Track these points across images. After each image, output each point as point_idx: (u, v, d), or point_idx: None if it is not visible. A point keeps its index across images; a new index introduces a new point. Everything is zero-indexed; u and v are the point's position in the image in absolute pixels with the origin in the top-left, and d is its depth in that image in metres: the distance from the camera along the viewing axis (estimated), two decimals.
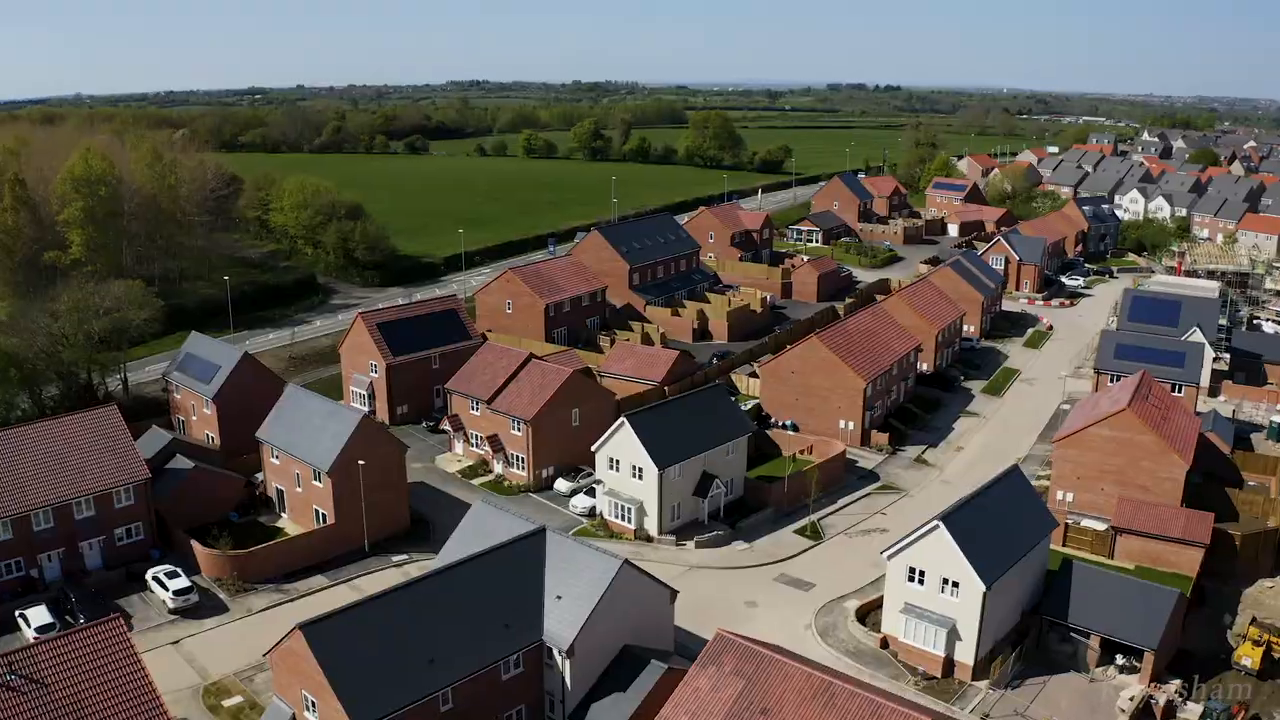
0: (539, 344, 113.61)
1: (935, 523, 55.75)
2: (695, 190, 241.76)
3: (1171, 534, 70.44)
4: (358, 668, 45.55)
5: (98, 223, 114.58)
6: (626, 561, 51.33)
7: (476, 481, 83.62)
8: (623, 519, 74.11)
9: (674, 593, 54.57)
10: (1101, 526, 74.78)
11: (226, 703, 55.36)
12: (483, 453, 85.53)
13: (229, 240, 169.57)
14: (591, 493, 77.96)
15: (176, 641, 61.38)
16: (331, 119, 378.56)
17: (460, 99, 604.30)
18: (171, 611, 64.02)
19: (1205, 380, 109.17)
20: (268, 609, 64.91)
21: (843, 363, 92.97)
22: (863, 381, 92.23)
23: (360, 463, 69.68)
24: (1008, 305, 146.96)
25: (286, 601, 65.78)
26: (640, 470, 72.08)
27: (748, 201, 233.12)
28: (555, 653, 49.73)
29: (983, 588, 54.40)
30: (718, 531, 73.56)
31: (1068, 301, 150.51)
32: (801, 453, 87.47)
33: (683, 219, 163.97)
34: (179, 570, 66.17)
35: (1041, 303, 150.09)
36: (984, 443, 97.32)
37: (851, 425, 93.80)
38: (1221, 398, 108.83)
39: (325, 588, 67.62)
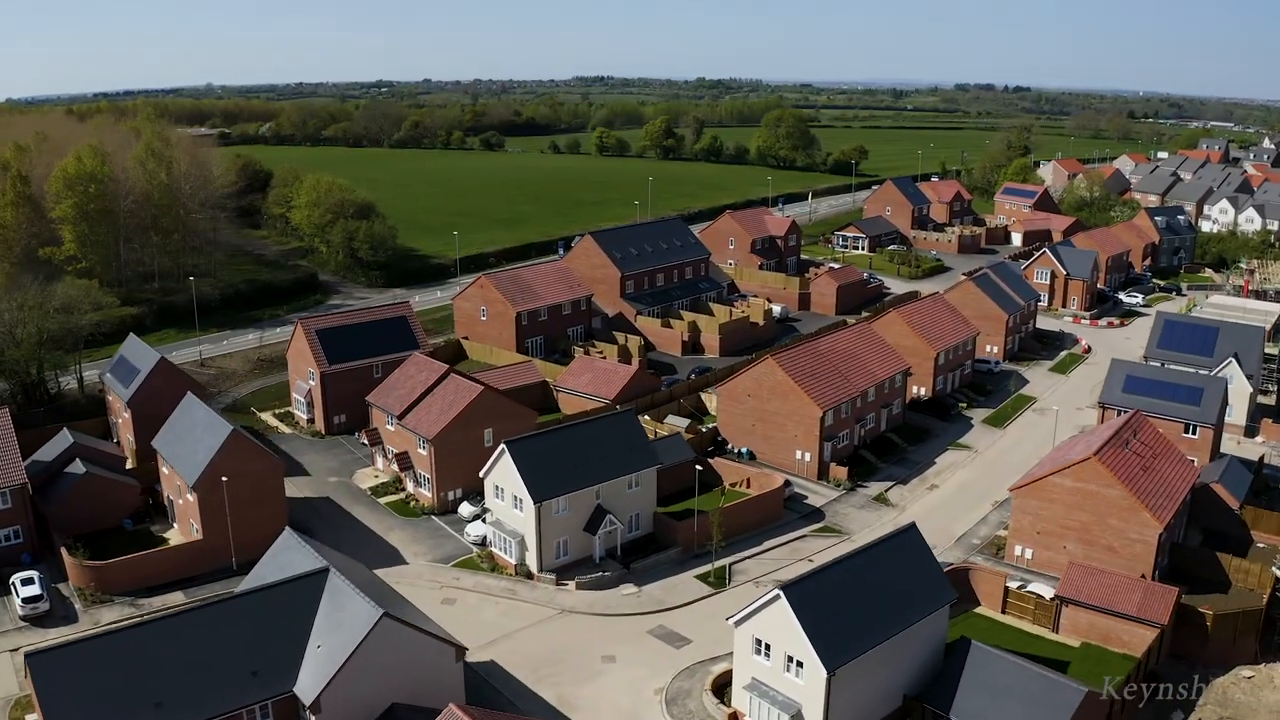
0: (509, 353, 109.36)
1: (775, 591, 48.04)
2: (748, 192, 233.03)
3: (1123, 609, 60.17)
4: (77, 706, 42.18)
5: (90, 219, 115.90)
6: (387, 614, 45.90)
7: (384, 500, 79.32)
8: (506, 552, 68.46)
9: (460, 649, 48.85)
10: (1050, 593, 64.87)
11: (30, 718, 52.61)
12: (397, 470, 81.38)
13: (255, 238, 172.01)
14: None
15: (16, 649, 59.33)
16: (411, 115, 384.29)
17: (551, 96, 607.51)
18: (21, 619, 62.24)
19: (1241, 419, 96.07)
20: (114, 624, 62.18)
21: (798, 387, 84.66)
22: (819, 409, 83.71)
23: (224, 479, 66.36)
24: (1049, 324, 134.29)
25: (136, 617, 62.92)
26: (520, 501, 66.31)
27: (794, 206, 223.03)
28: (304, 707, 44.87)
29: (824, 673, 46.42)
30: (604, 573, 67.04)
31: (1117, 321, 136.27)
32: (733, 485, 79.89)
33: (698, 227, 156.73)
34: (35, 577, 64.25)
35: (1088, 322, 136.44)
36: (964, 481, 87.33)
37: (808, 456, 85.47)
38: (1259, 439, 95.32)
39: (180, 605, 64.50)
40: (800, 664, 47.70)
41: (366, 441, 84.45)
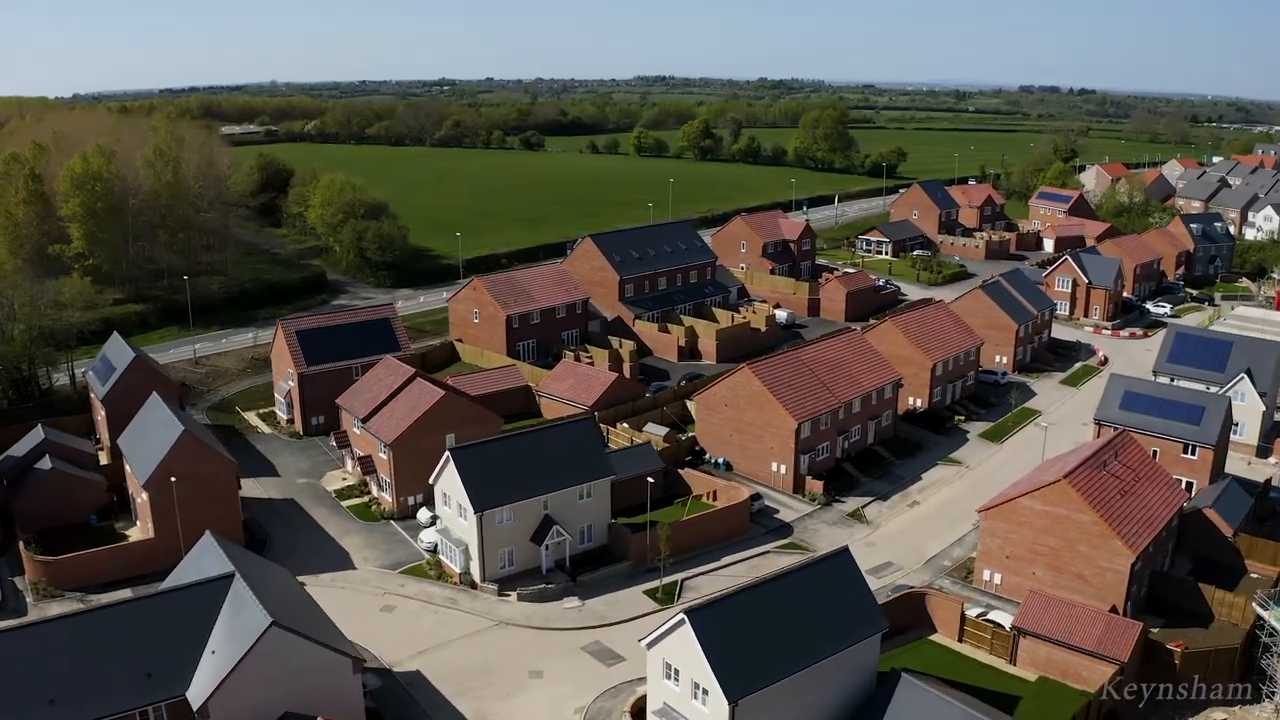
0: (499, 356, 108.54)
1: (680, 615, 46.05)
2: (776, 194, 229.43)
3: (1082, 643, 56.83)
4: None
5: (98, 218, 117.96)
6: (276, 623, 45.10)
7: (347, 503, 78.81)
8: (452, 561, 67.42)
9: (357, 661, 47.84)
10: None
11: None
12: (362, 473, 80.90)
13: (275, 236, 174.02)
14: None
15: None
16: (452, 114, 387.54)
17: (600, 96, 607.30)
18: None
19: (1253, 439, 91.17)
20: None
21: (774, 398, 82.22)
22: (794, 421, 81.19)
23: (173, 479, 66.39)
24: (1068, 334, 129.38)
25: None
26: (464, 510, 65.16)
27: (821, 210, 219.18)
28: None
29: (725, 703, 44.33)
30: (547, 585, 65.57)
31: (1140, 332, 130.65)
32: (697, 497, 77.81)
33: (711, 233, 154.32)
34: None
35: (1109, 332, 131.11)
36: (947, 499, 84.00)
37: (784, 469, 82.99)
38: (1272, 460, 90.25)
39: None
40: (706, 691, 45.70)
41: (335, 444, 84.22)
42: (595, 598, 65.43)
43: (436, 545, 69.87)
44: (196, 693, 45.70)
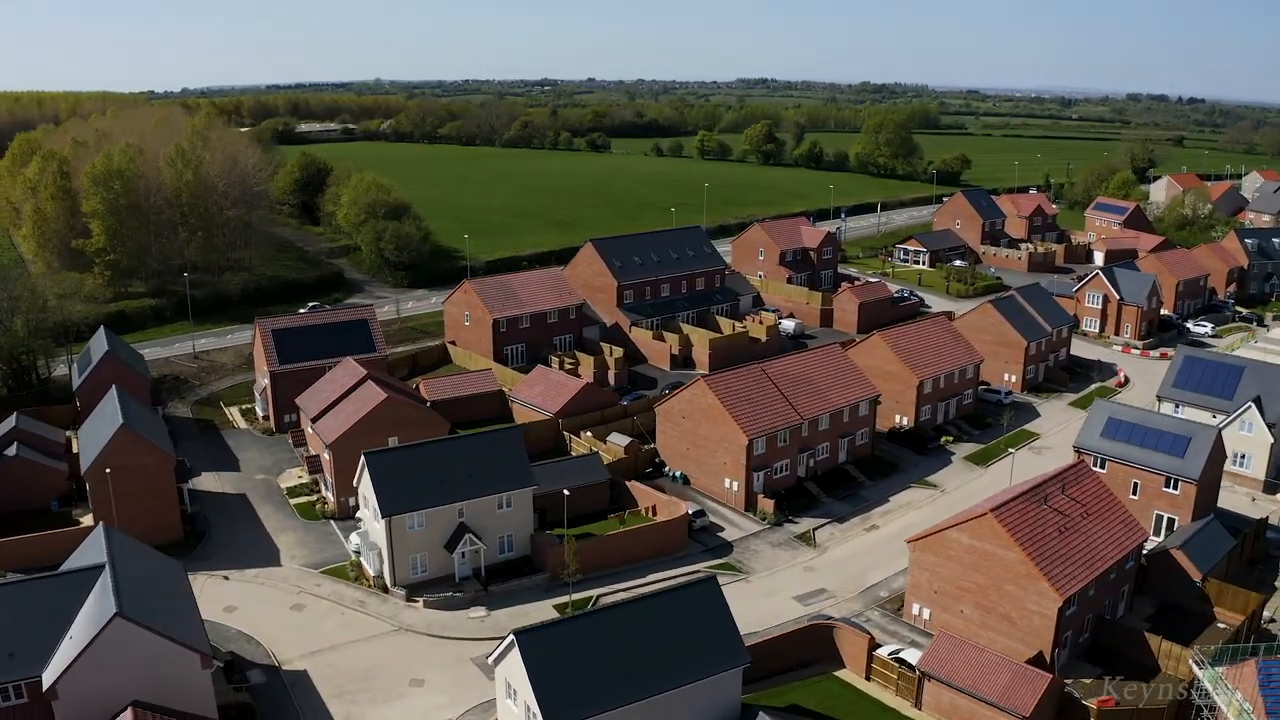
0: (487, 359, 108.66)
1: (510, 636, 44.74)
2: (822, 200, 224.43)
3: (985, 692, 53.23)
4: None
5: (120, 214, 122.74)
6: (120, 615, 45.62)
7: (296, 501, 79.62)
8: (369, 564, 67.45)
9: (205, 657, 48.03)
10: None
11: None
12: (310, 472, 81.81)
13: (313, 234, 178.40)
14: None
15: None
16: (522, 114, 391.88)
17: (678, 98, 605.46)
18: None
19: (1260, 472, 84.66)
20: None
21: (727, 412, 79.87)
22: (745, 437, 78.73)
23: (108, 470, 68.20)
24: (1091, 352, 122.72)
25: None
26: (377, 513, 65.09)
27: (862, 218, 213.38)
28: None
29: None
30: (455, 593, 64.90)
31: (1171, 353, 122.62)
32: (636, 512, 76.02)
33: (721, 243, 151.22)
34: None
35: (1139, 352, 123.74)
36: (911, 524, 79.79)
37: (735, 485, 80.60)
38: None
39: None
40: (536, 716, 44.30)
41: (292, 443, 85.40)
42: (503, 609, 64.42)
43: (359, 548, 70.05)
44: (50, 674, 46.91)
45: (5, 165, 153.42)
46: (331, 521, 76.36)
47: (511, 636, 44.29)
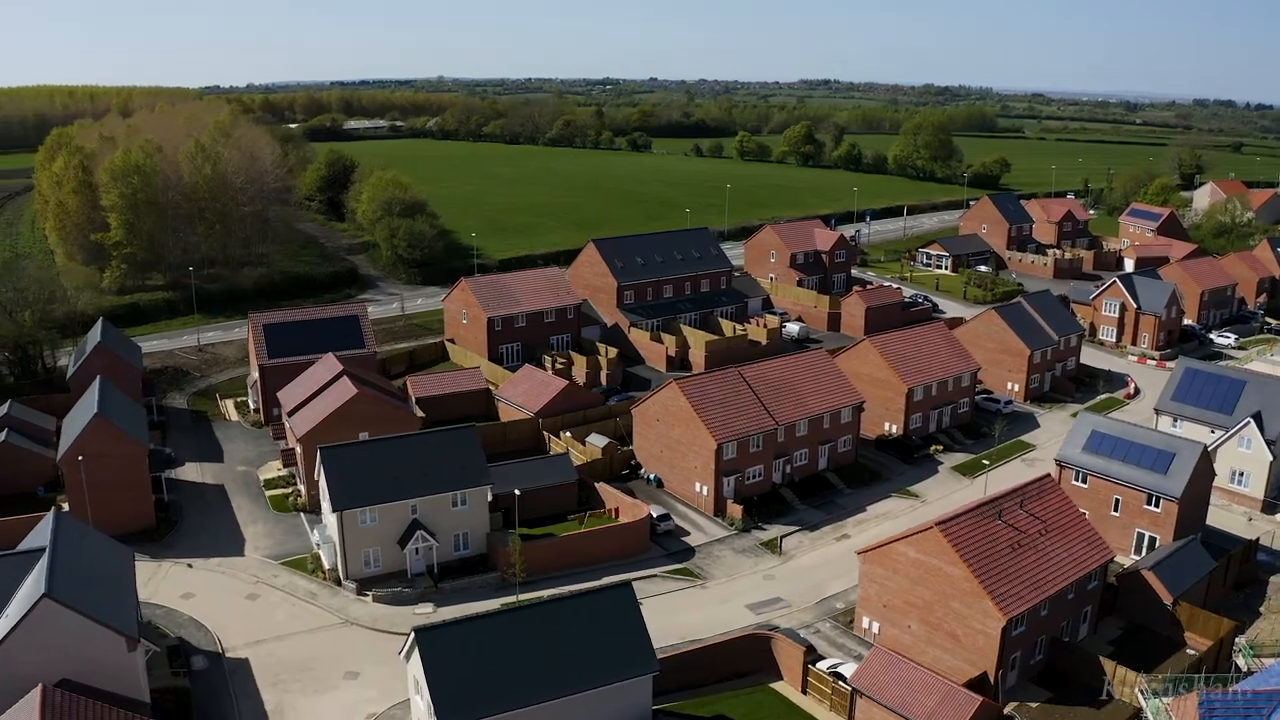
0: (481, 358, 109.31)
1: (411, 632, 44.86)
2: (852, 203, 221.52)
3: (913, 713, 51.88)
4: None
5: (137, 209, 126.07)
6: (48, 596, 46.66)
7: (271, 493, 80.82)
8: (326, 557, 68.27)
9: (132, 640, 48.86)
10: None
11: None
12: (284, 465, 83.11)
13: (337, 230, 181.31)
14: None
15: None
16: (563, 113, 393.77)
17: (730, 99, 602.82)
18: None
19: (1259, 491, 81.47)
20: None
21: (697, 415, 79.23)
22: (714, 441, 77.99)
23: (80, 458, 70.04)
24: (1103, 362, 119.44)
25: None
26: (330, 507, 65.86)
27: (890, 221, 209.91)
28: None
29: None
30: (404, 589, 65.36)
31: None
32: (601, 513, 75.73)
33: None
34: None
35: (1155, 363, 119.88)
36: (883, 534, 77.88)
37: (705, 490, 79.91)
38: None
39: None
40: (431, 712, 44.38)
41: (273, 436, 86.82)
42: (451, 606, 64.56)
43: (319, 541, 70.96)
44: None
45: (39, 159, 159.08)
46: (302, 515, 77.41)
47: (412, 631, 44.41)
